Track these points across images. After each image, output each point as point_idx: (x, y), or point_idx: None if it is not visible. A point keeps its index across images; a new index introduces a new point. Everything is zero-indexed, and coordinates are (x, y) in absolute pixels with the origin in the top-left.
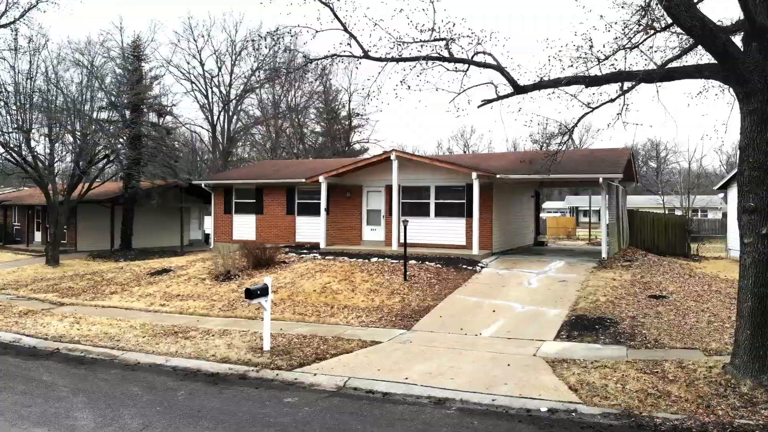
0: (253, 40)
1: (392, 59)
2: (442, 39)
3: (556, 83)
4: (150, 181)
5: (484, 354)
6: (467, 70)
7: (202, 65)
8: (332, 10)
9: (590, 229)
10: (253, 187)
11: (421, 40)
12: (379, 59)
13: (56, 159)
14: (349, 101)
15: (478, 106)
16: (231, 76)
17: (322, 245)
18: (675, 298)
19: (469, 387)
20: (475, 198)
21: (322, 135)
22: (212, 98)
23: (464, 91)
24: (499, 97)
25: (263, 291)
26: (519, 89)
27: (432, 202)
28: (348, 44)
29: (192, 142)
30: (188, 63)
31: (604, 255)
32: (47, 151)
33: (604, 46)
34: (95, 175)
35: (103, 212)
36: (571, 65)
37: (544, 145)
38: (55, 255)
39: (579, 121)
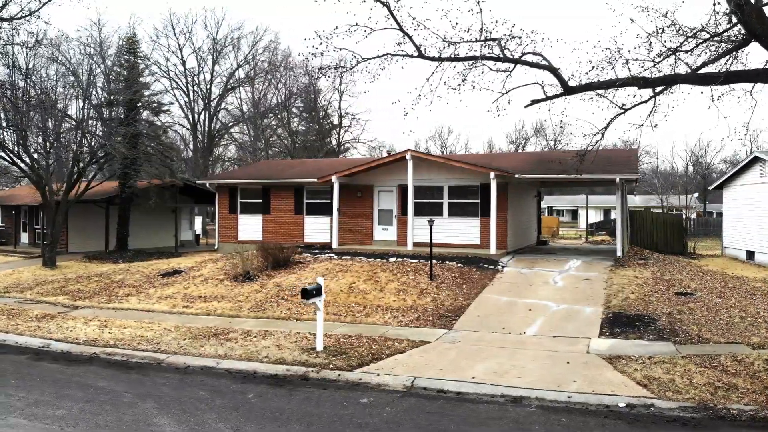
0: (305, 39)
1: (448, 59)
2: (494, 39)
3: (609, 84)
4: (147, 180)
5: (538, 352)
6: (512, 70)
7: (183, 63)
8: (389, 9)
9: (587, 229)
10: (259, 186)
11: (470, 40)
12: (435, 59)
13: (52, 159)
14: (340, 99)
15: (526, 106)
16: (212, 74)
17: (335, 245)
18: (700, 295)
19: (539, 385)
20: (492, 198)
21: (311, 134)
22: (193, 96)
23: (508, 92)
24: (548, 98)
25: (318, 291)
26: (569, 90)
27: (445, 201)
28: (398, 44)
29: (175, 142)
30: (167, 60)
31: (619, 253)
32: (42, 149)
33: (623, 51)
34: (93, 174)
35: (95, 212)
36: (594, 67)
37: (520, 146)
38: (53, 257)
39: (611, 121)
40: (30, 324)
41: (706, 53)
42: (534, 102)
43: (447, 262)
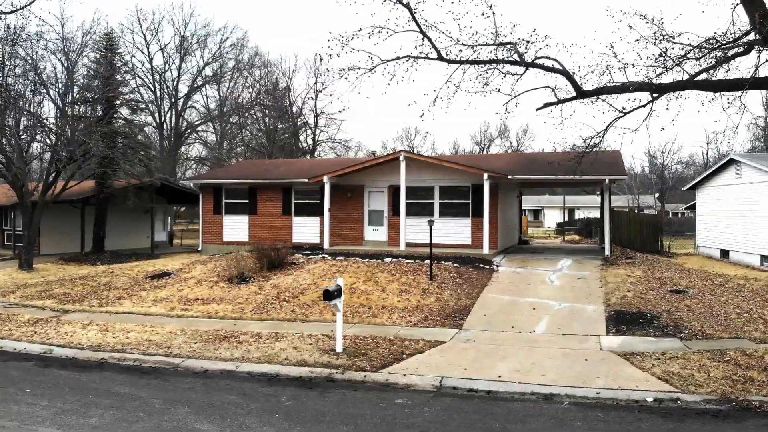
0: (329, 39)
1: (468, 62)
2: (510, 43)
3: (622, 89)
4: (126, 180)
5: (554, 350)
6: (523, 73)
7: (150, 60)
8: (411, 11)
9: (556, 228)
10: (245, 186)
11: (485, 44)
12: (455, 61)
13: (29, 159)
14: (315, 98)
15: (537, 109)
16: (179, 72)
17: (326, 245)
18: (693, 293)
19: (565, 382)
20: (485, 198)
21: (284, 132)
22: (159, 94)
23: (518, 95)
24: (560, 101)
25: (338, 292)
26: (582, 94)
27: (436, 202)
28: (416, 46)
29: (152, 141)
30: (133, 56)
31: (607, 253)
32: (17, 148)
33: (631, 57)
34: (71, 174)
35: (68, 213)
36: (592, 71)
37: (485, 147)
38: (29, 259)
39: (611, 124)
40: (25, 329)
41: (708, 60)
42: (547, 105)
43: (442, 262)
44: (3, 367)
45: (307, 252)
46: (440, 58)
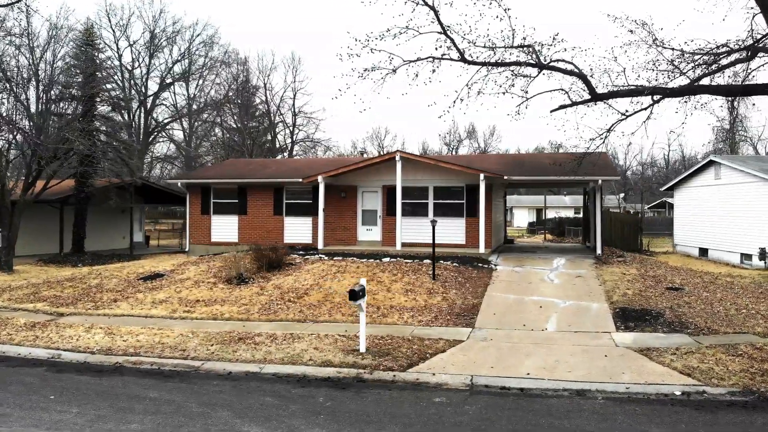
0: (355, 40)
1: (489, 63)
2: (527, 46)
3: (636, 92)
4: (108, 179)
5: (572, 347)
6: (537, 76)
7: (120, 57)
8: (436, 13)
9: (537, 228)
10: (235, 186)
11: (504, 46)
12: (477, 63)
13: (9, 157)
14: (294, 98)
15: (552, 111)
16: (149, 69)
17: (320, 246)
18: (689, 290)
19: (593, 378)
20: (481, 198)
21: (255, 131)
22: (128, 92)
23: (531, 97)
24: (574, 103)
25: (363, 292)
26: (596, 96)
27: (431, 202)
28: (436, 48)
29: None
30: (102, 52)
31: (599, 251)
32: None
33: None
34: (53, 172)
35: (44, 213)
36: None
37: (454, 149)
38: (9, 261)
39: (612, 127)
40: (25, 333)
41: (714, 66)
42: (562, 107)
43: (441, 261)
44: (15, 374)
45: (302, 252)
46: (462, 59)
